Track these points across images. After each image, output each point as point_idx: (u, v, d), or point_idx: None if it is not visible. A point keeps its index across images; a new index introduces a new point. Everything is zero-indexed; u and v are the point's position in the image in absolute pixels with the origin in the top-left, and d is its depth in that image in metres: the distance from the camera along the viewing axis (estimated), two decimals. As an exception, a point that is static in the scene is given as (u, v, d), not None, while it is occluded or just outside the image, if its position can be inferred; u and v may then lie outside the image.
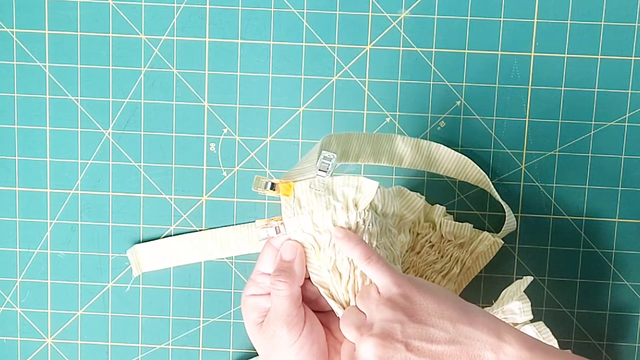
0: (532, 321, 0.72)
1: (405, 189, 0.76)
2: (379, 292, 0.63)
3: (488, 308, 0.74)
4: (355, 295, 0.65)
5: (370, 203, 0.67)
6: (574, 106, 0.79)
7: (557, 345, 0.70)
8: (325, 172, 0.65)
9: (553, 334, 0.71)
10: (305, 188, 0.66)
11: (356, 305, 0.64)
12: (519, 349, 0.59)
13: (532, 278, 0.73)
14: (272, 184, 0.66)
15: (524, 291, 0.72)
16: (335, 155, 0.65)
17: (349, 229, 0.66)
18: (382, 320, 0.61)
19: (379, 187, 0.67)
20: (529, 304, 0.71)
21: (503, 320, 0.72)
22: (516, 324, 0.72)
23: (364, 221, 0.66)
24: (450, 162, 0.78)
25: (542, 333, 0.71)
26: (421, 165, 0.78)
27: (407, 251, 0.78)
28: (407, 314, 0.60)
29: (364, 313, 0.63)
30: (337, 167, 0.66)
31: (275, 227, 0.67)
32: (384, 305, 0.61)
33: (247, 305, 0.68)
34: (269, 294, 0.67)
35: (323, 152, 0.65)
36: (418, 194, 0.76)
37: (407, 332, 0.60)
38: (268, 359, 0.66)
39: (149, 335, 0.84)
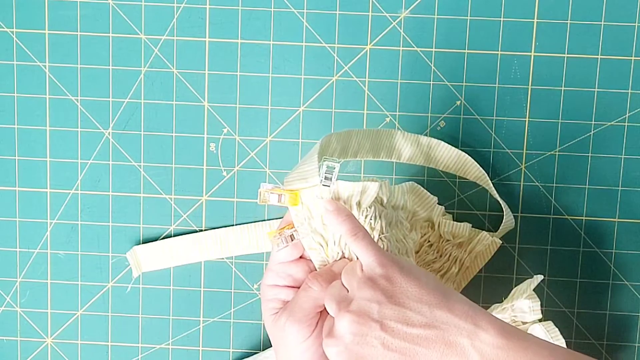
0: (540, 320, 0.72)
1: (419, 185, 0.77)
2: (362, 270, 0.63)
3: (498, 305, 0.74)
4: None
5: (375, 198, 0.67)
6: (574, 106, 0.79)
7: (564, 346, 0.70)
8: (330, 182, 0.66)
9: (553, 334, 0.71)
10: (312, 195, 0.66)
11: (341, 281, 0.65)
12: (495, 336, 0.59)
13: (542, 276, 0.73)
14: (279, 195, 0.67)
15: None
16: (338, 165, 0.66)
17: None
18: (360, 298, 0.61)
19: (384, 182, 0.68)
20: (539, 303, 0.72)
21: (512, 318, 0.72)
22: (525, 323, 0.73)
23: (365, 217, 0.67)
24: (450, 158, 0.78)
25: (550, 332, 0.71)
26: (420, 161, 0.78)
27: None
28: (386, 295, 0.61)
29: (347, 289, 0.63)
30: (338, 164, 0.66)
31: (290, 235, 0.67)
32: (365, 284, 0.61)
33: (266, 294, 0.68)
34: (290, 286, 0.67)
35: (326, 162, 0.65)
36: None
37: (384, 312, 0.60)
38: (277, 349, 0.66)
39: (149, 335, 0.84)
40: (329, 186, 0.65)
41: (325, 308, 0.65)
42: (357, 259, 0.65)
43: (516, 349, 0.58)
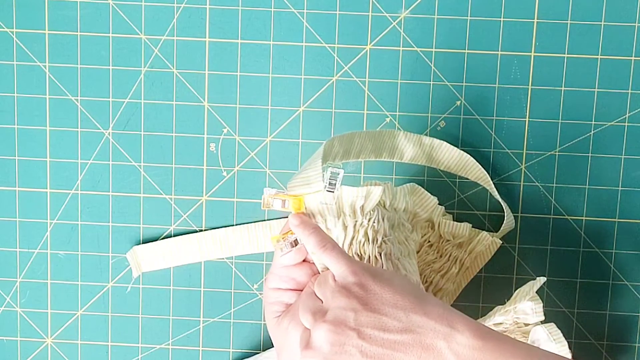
0: (543, 322, 0.72)
1: (419, 187, 0.77)
2: (334, 280, 0.63)
3: (501, 307, 0.74)
4: None
5: (378, 201, 0.68)
6: (574, 106, 0.79)
7: (567, 348, 0.70)
8: (334, 188, 0.66)
9: (554, 334, 0.71)
10: (316, 201, 0.67)
11: (314, 292, 0.65)
12: (470, 337, 0.59)
13: (545, 279, 0.73)
14: (282, 200, 0.67)
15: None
16: (342, 171, 0.66)
17: (354, 227, 0.67)
18: (336, 307, 0.61)
19: (386, 185, 0.68)
20: (541, 304, 0.72)
21: (515, 319, 0.72)
22: (527, 325, 0.73)
23: (368, 220, 0.67)
24: (452, 158, 0.79)
25: (553, 334, 0.71)
26: (422, 161, 0.78)
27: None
28: (361, 302, 0.61)
29: (321, 300, 0.63)
30: (342, 170, 0.66)
31: (294, 240, 0.67)
32: (339, 293, 0.62)
33: (269, 297, 0.68)
34: (293, 289, 0.67)
35: (330, 168, 0.66)
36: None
37: (360, 320, 0.60)
38: (280, 351, 0.67)
39: (149, 335, 0.84)
40: (333, 192, 0.66)
41: None
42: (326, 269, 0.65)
43: (492, 350, 0.59)
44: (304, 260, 0.68)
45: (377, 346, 0.59)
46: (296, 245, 0.67)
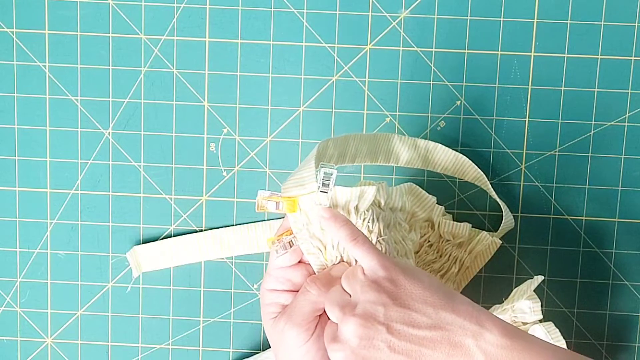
0: (541, 321, 0.72)
1: (417, 186, 0.77)
2: (364, 274, 0.63)
3: (498, 305, 0.74)
4: None
5: (372, 201, 0.67)
6: (574, 106, 0.79)
7: (565, 346, 0.70)
8: (327, 188, 0.65)
9: (554, 334, 0.71)
10: (310, 202, 0.67)
11: (342, 286, 0.64)
12: (499, 336, 0.59)
13: (543, 277, 0.73)
14: (276, 202, 0.67)
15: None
16: (336, 171, 0.66)
17: None
18: (365, 301, 0.61)
19: (381, 185, 0.68)
20: (539, 303, 0.72)
21: (513, 318, 0.72)
22: (525, 323, 0.73)
23: (363, 220, 0.67)
24: (448, 160, 0.78)
25: (551, 333, 0.71)
26: (418, 164, 0.78)
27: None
28: (391, 297, 0.61)
29: (349, 294, 0.63)
30: (335, 170, 0.66)
31: (289, 242, 0.67)
32: (369, 287, 0.61)
33: (265, 299, 0.68)
34: (289, 291, 0.67)
35: (323, 169, 0.65)
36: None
37: (390, 315, 0.60)
38: (276, 352, 0.67)
39: (149, 335, 0.84)
40: (326, 192, 0.65)
41: (324, 312, 0.65)
42: (357, 263, 0.65)
43: (520, 349, 0.59)
44: (299, 262, 0.68)
45: (406, 342, 0.60)
46: (292, 246, 0.67)
